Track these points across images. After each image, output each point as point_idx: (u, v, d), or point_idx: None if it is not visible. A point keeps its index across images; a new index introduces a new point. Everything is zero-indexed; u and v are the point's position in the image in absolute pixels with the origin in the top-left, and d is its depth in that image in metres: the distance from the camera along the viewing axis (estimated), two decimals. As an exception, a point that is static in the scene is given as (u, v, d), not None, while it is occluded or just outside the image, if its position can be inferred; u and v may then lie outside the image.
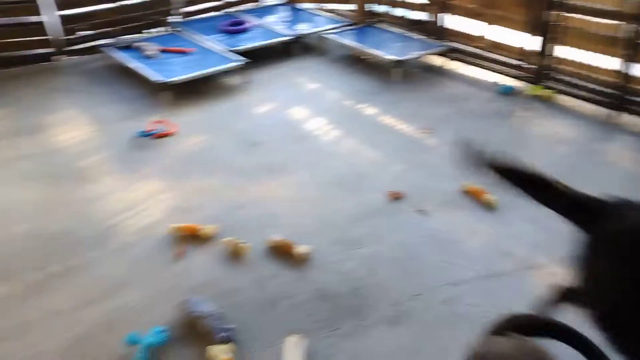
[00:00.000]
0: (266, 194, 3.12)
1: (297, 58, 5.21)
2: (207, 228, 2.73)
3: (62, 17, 5.05)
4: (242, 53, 4.75)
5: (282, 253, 2.59)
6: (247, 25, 5.56)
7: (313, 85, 4.69)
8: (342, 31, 5.48)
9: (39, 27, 4.99)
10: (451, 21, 5.07)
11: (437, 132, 3.81)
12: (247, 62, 4.58)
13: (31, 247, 2.68)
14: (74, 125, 3.96)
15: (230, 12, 6.19)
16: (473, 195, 3.04)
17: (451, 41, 5.12)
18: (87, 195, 3.08)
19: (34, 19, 4.94)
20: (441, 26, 5.08)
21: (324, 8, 6.69)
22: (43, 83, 4.66)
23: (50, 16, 4.97)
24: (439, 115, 4.09)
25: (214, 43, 5.06)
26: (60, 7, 5.00)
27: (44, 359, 2.08)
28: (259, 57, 4.87)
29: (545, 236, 2.71)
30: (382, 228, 2.82)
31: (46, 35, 5.04)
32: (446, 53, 5.03)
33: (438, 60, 5.11)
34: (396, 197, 3.05)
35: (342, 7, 6.57)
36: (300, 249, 2.58)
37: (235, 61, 4.60)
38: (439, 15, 5.13)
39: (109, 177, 3.28)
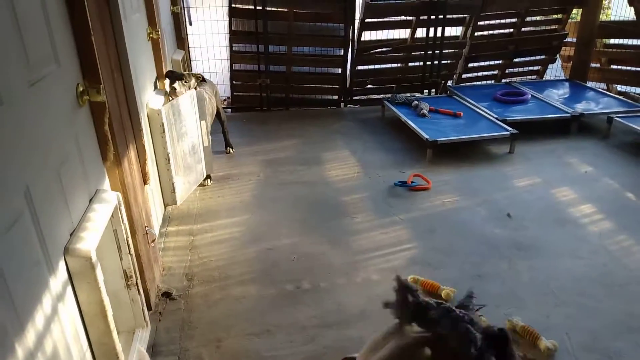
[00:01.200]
0: (512, 272, 2.96)
1: (574, 137, 4.86)
2: (447, 289, 2.73)
3: (356, 70, 5.84)
4: (513, 125, 4.68)
5: (524, 340, 2.40)
6: (524, 97, 5.46)
7: (587, 168, 4.28)
8: (633, 116, 4.89)
9: (337, 77, 5.88)
10: None
11: None
12: (516, 134, 4.49)
13: (291, 262, 3.09)
14: (344, 164, 4.49)
15: (510, 82, 6.20)
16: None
17: None
18: (343, 227, 3.43)
19: (336, 70, 5.86)
20: None
21: (613, 89, 6.13)
22: (328, 124, 5.44)
23: (347, 69, 5.82)
24: None
25: (485, 110, 5.12)
26: (356, 63, 5.79)
27: None
28: (531, 131, 4.72)
29: None
30: (651, 349, 2.36)
31: (341, 84, 5.89)
32: None
33: None
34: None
35: (635, 90, 5.91)
36: (547, 342, 2.35)
37: (504, 130, 4.57)
38: None
39: (364, 214, 3.59)
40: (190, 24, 5.80)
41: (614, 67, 6.15)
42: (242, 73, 5.74)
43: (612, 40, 6.20)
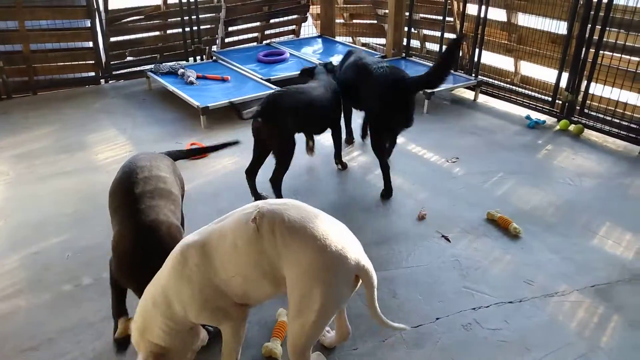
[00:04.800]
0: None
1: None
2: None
3: (111, 43, 5.38)
4: (277, 82, 4.94)
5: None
6: (284, 56, 5.78)
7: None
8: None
9: (90, 52, 5.33)
10: (483, 56, 5.16)
11: (463, 162, 3.85)
12: (280, 90, 4.76)
13: (65, 259, 2.81)
14: (113, 145, 4.17)
15: (270, 43, 6.47)
16: (498, 224, 3.06)
17: (482, 75, 5.20)
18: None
19: (86, 44, 5.30)
20: (472, 60, 5.17)
21: (357, 41, 6.91)
22: (88, 104, 4.94)
23: (99, 42, 5.31)
24: (466, 145, 4.14)
25: (251, 71, 5.28)
26: (109, 34, 5.33)
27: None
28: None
29: (567, 266, 2.71)
30: (405, 252, 2.86)
31: (96, 59, 5.37)
32: (477, 87, 5.11)
33: (468, 94, 5.18)
34: (423, 217, 3.15)
35: (375, 41, 6.78)
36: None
37: (269, 89, 4.79)
38: (470, 50, 5.23)
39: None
40: None
41: (355, 21, 6.93)
42: (-37, 57, 4.76)
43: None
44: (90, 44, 5.29)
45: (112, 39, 5.39)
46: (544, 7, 4.65)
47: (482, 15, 4.93)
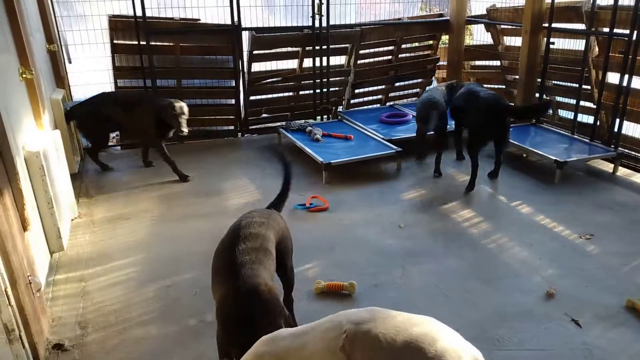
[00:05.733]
0: (405, 279, 3.16)
1: (451, 150, 5.31)
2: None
3: (250, 100, 5.94)
4: (398, 143, 5.03)
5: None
6: (406, 117, 5.89)
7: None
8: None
9: (232, 108, 5.92)
10: (624, 126, 4.78)
11: (598, 240, 3.52)
12: (400, 151, 4.83)
13: (193, 296, 3.03)
14: (244, 192, 4.51)
15: (393, 104, 6.65)
16: (639, 314, 2.72)
17: (623, 147, 4.80)
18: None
19: (229, 101, 5.91)
20: (612, 131, 4.80)
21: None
22: (225, 154, 5.44)
23: (240, 99, 5.89)
24: (602, 221, 3.79)
25: (373, 132, 5.45)
26: (249, 93, 5.89)
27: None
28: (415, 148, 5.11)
29: None
30: (528, 333, 2.64)
31: (236, 115, 5.94)
32: (616, 159, 4.71)
33: (606, 166, 4.79)
34: (551, 295, 2.93)
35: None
36: None
37: (390, 149, 4.89)
38: (610, 119, 4.88)
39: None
40: (70, 61, 5.54)
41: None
42: (130, 109, 5.57)
43: (477, 62, 6.94)
44: (233, 101, 5.88)
45: (252, 98, 5.94)
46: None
47: (624, 83, 4.62)
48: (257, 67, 5.90)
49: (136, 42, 5.21)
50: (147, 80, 5.34)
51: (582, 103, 5.18)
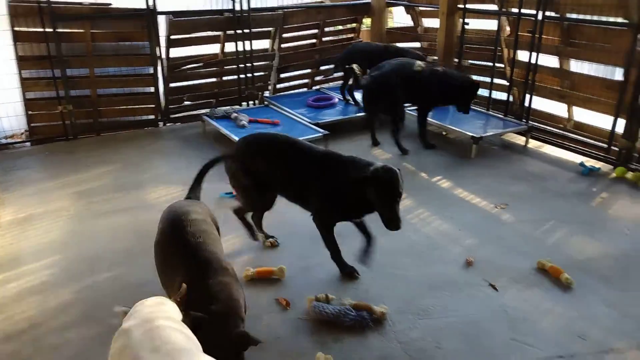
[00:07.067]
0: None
1: (376, 132, 5.41)
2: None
3: (170, 88, 5.71)
4: (325, 126, 5.05)
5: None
6: (332, 101, 5.92)
7: (387, 155, 4.83)
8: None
9: (150, 97, 5.67)
10: (535, 102, 5.08)
11: (512, 209, 3.74)
12: (327, 134, 4.86)
13: (116, 294, 2.89)
14: (168, 184, 4.35)
15: (320, 88, 6.66)
16: (549, 274, 2.92)
17: (533, 121, 5.11)
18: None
19: (147, 89, 5.65)
20: (523, 106, 5.10)
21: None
22: (145, 145, 5.22)
23: (159, 87, 5.65)
24: (516, 192, 4.03)
25: (300, 116, 5.43)
26: (169, 80, 5.66)
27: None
28: (342, 130, 5.15)
29: (625, 321, 2.54)
30: (451, 300, 2.77)
31: (155, 104, 5.70)
32: (527, 132, 5.01)
33: (519, 139, 5.08)
34: (470, 264, 3.07)
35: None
36: (379, 308, 2.64)
37: (317, 132, 4.90)
38: (521, 95, 5.17)
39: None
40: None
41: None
42: (38, 102, 5.18)
43: (399, 44, 7.09)
44: (152, 89, 5.63)
45: (172, 85, 5.71)
46: (597, 54, 4.57)
47: (532, 61, 4.90)
48: (176, 52, 5.67)
49: (41, 29, 4.83)
50: (56, 70, 4.98)
51: (495, 80, 5.44)
